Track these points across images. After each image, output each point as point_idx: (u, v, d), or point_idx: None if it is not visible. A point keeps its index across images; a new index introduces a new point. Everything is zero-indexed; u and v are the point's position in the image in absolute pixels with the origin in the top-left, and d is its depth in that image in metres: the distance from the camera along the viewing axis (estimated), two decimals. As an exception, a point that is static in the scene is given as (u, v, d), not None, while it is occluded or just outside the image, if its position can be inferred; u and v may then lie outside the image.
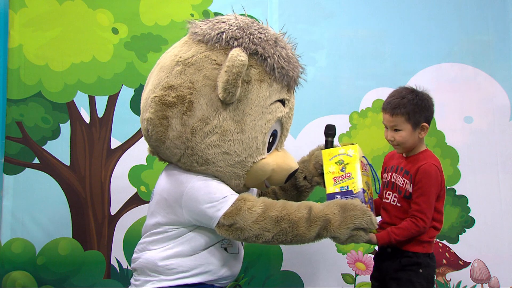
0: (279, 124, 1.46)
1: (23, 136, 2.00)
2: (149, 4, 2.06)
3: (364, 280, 2.08)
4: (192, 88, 1.36)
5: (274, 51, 1.39)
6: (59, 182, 2.01)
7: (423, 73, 2.12)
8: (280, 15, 2.12)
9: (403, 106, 1.60)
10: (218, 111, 1.36)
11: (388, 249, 1.63)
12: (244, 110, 1.37)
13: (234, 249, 1.48)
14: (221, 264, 1.44)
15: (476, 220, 2.10)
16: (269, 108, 1.41)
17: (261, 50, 1.37)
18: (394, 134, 1.62)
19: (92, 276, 1.99)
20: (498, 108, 2.15)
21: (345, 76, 2.15)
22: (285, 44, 1.45)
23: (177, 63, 1.39)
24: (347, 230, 1.37)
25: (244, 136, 1.38)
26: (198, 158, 1.38)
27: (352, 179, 1.54)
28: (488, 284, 2.09)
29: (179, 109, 1.36)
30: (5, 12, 2.02)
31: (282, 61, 1.39)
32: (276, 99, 1.42)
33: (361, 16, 2.15)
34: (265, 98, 1.39)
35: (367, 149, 2.09)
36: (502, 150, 2.13)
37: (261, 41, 1.38)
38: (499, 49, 2.18)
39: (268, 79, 1.39)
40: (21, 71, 2.00)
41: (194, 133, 1.36)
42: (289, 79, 1.42)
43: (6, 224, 1.98)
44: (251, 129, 1.39)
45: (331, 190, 1.53)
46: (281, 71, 1.39)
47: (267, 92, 1.39)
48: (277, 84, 1.41)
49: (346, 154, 1.57)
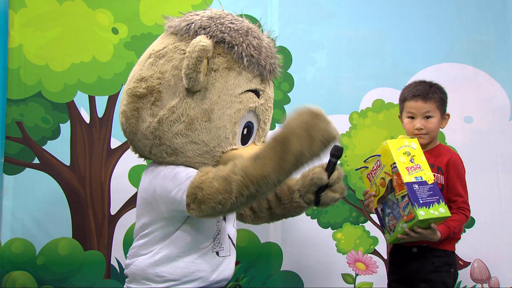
0: (253, 115, 1.42)
1: (23, 136, 2.00)
2: (149, 4, 2.06)
3: (364, 280, 2.08)
4: (161, 78, 1.37)
5: (244, 39, 1.37)
6: (59, 182, 2.01)
7: (423, 73, 2.12)
8: (280, 15, 2.12)
9: (435, 92, 1.62)
10: (184, 100, 1.35)
11: (414, 249, 1.61)
12: (212, 99, 1.35)
13: (226, 252, 1.45)
14: (213, 269, 1.40)
15: (476, 220, 2.10)
16: (239, 97, 1.38)
17: (229, 38, 1.36)
18: (426, 122, 1.61)
19: (92, 276, 1.99)
20: (498, 108, 2.15)
21: (345, 76, 2.15)
22: (259, 35, 1.42)
23: (149, 56, 1.41)
24: (312, 139, 1.14)
25: (212, 125, 1.36)
26: (166, 148, 1.37)
27: (422, 170, 1.57)
28: (488, 284, 2.09)
29: (149, 100, 1.37)
30: (5, 12, 2.03)
31: (252, 50, 1.37)
32: (248, 89, 1.38)
33: (361, 16, 2.15)
34: (234, 87, 1.37)
35: (367, 149, 2.09)
36: (502, 150, 2.13)
37: (229, 30, 1.37)
38: (499, 49, 2.18)
39: (237, 67, 1.37)
40: (21, 71, 2.00)
41: (161, 122, 1.35)
42: (261, 69, 1.39)
43: (6, 224, 1.98)
44: (218, 118, 1.36)
45: (408, 179, 1.54)
46: (250, 60, 1.37)
47: (236, 80, 1.37)
48: (248, 73, 1.38)
49: (410, 146, 1.59)
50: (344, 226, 2.09)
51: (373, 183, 1.69)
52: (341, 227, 2.09)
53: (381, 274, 2.08)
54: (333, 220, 2.09)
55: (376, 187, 1.67)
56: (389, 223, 1.64)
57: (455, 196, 1.61)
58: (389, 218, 1.63)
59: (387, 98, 2.12)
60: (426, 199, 1.56)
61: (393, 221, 1.61)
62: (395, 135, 2.09)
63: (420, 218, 1.52)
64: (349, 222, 2.10)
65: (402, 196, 1.57)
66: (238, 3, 2.07)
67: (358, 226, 2.10)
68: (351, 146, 2.10)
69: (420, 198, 1.55)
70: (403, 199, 1.56)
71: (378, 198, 1.67)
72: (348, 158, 2.10)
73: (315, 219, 2.09)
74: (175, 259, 1.38)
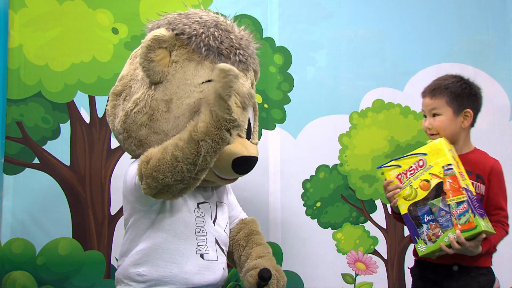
0: None
1: (23, 136, 2.00)
2: (149, 4, 2.06)
3: (364, 280, 2.08)
4: (133, 74, 1.45)
5: (205, 30, 1.38)
6: (59, 182, 2.01)
7: (423, 73, 2.12)
8: (280, 15, 2.12)
9: (444, 87, 1.48)
10: (147, 92, 1.39)
11: (455, 267, 1.47)
12: (172, 89, 1.38)
13: (212, 256, 1.43)
14: (195, 272, 1.40)
15: (476, 220, 2.09)
16: (200, 87, 1.37)
17: (188, 29, 1.38)
18: (432, 120, 1.49)
19: (92, 276, 1.99)
20: (498, 108, 2.15)
21: (345, 76, 2.15)
22: (228, 28, 1.41)
23: (130, 57, 1.50)
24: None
25: (171, 115, 1.37)
26: (133, 140, 1.41)
27: (465, 179, 1.45)
28: (488, 284, 2.09)
29: (122, 96, 1.44)
30: (5, 12, 2.02)
31: (211, 40, 1.37)
32: (210, 78, 1.37)
33: (361, 16, 2.15)
34: (193, 77, 1.38)
35: (367, 149, 2.10)
36: (502, 150, 2.13)
37: (192, 23, 1.39)
38: (499, 49, 2.18)
39: (197, 57, 1.38)
40: (21, 71, 2.00)
41: (128, 115, 1.40)
42: (224, 59, 1.38)
43: (6, 224, 1.98)
44: (177, 107, 1.37)
45: (462, 185, 1.41)
46: (209, 49, 1.37)
47: (195, 70, 1.38)
48: (210, 63, 1.38)
49: (453, 151, 1.49)
50: (344, 226, 2.09)
51: (406, 184, 1.51)
52: (341, 227, 2.09)
53: (381, 274, 2.08)
54: (333, 220, 2.09)
55: (412, 189, 1.49)
56: (427, 232, 1.46)
57: (496, 209, 1.45)
58: (429, 226, 1.46)
59: (387, 98, 2.12)
60: (478, 210, 1.42)
61: (436, 230, 1.44)
62: (395, 135, 2.10)
63: (483, 229, 1.39)
64: (349, 222, 2.10)
65: (458, 202, 1.41)
66: (238, 3, 2.07)
67: (358, 226, 2.10)
68: (351, 146, 2.10)
69: (475, 208, 1.41)
70: (459, 205, 1.41)
71: (412, 202, 1.49)
72: (348, 158, 2.10)
73: (315, 219, 2.09)
74: (156, 259, 1.38)
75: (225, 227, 1.51)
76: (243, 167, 1.41)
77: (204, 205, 1.46)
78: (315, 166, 2.09)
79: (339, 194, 2.10)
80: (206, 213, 1.45)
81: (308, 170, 2.09)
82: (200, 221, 1.42)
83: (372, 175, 2.09)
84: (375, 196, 2.10)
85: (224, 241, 1.49)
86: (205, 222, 1.43)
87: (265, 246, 1.58)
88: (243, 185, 2.01)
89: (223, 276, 1.47)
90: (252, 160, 1.42)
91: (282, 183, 2.08)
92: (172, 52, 1.39)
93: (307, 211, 2.08)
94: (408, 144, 2.09)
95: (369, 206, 2.10)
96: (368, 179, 2.09)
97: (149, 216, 1.39)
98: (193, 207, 1.43)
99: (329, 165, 2.09)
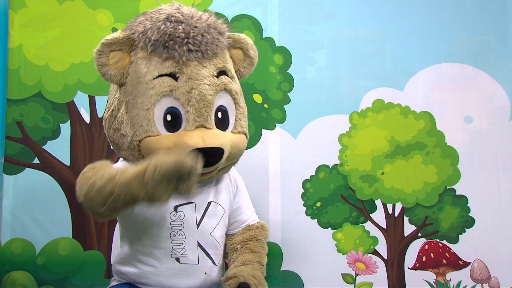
0: (173, 100, 1.36)
1: (23, 136, 2.00)
2: (149, 4, 2.05)
3: (364, 280, 2.08)
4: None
5: (152, 26, 1.38)
6: (59, 182, 2.01)
7: (423, 73, 2.12)
8: (280, 15, 2.12)
9: None
10: (115, 95, 1.44)
11: None
12: (129, 90, 1.39)
13: (191, 259, 1.42)
14: (170, 275, 1.40)
15: (476, 220, 2.10)
16: (151, 83, 1.36)
17: (140, 28, 1.39)
18: None
19: (92, 276, 1.99)
20: (498, 108, 2.15)
21: (345, 76, 2.15)
22: (181, 18, 1.38)
23: None
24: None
25: (129, 116, 1.38)
26: (113, 144, 1.46)
27: None
28: (488, 284, 2.09)
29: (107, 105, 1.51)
30: (5, 12, 2.02)
31: (155, 34, 1.36)
32: (160, 73, 1.36)
33: (361, 16, 2.15)
34: (144, 74, 1.37)
35: (367, 149, 2.10)
36: (502, 150, 2.13)
37: (146, 19, 1.40)
38: (499, 49, 2.18)
39: (147, 54, 1.38)
40: (21, 71, 2.00)
41: (105, 121, 1.46)
42: (171, 51, 1.35)
43: (6, 224, 1.98)
44: (132, 107, 1.37)
45: None
46: (155, 44, 1.36)
47: (145, 67, 1.37)
48: (158, 58, 1.37)
49: None
50: (344, 226, 2.09)
51: None
52: (341, 227, 2.09)
53: (381, 274, 2.09)
54: (333, 220, 2.09)
55: None
56: None
57: None
58: None
59: (387, 98, 2.12)
60: None
61: None
62: (395, 135, 2.10)
63: None
64: (349, 222, 2.10)
65: None
66: (238, 3, 2.07)
67: (358, 226, 2.10)
68: (351, 146, 2.10)
69: None
70: None
71: None
72: (348, 158, 2.10)
73: (315, 219, 2.09)
74: (133, 260, 1.42)
75: (213, 229, 1.48)
76: (211, 158, 1.33)
77: (186, 206, 1.43)
78: (315, 166, 2.09)
79: (339, 194, 2.10)
80: (187, 215, 1.42)
81: (308, 170, 2.09)
82: (177, 224, 1.41)
83: (372, 175, 2.09)
84: (375, 196, 2.10)
85: (210, 244, 1.46)
86: (184, 225, 1.41)
87: (257, 254, 1.56)
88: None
89: (206, 280, 1.45)
90: (211, 151, 1.32)
91: (282, 183, 2.08)
92: (130, 53, 1.40)
93: (307, 211, 2.08)
94: (408, 144, 2.09)
95: (369, 206, 2.10)
96: (368, 179, 2.09)
97: (125, 220, 1.43)
98: (169, 211, 1.41)
99: (329, 165, 2.09)
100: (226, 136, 1.39)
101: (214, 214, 1.48)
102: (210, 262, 1.46)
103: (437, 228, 2.10)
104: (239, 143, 1.43)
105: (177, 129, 1.35)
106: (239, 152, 1.45)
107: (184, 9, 1.43)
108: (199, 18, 1.41)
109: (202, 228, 1.44)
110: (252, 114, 2.06)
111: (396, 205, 2.10)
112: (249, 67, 1.53)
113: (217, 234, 1.48)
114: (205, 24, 1.39)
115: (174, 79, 1.36)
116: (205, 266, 1.45)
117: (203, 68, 1.37)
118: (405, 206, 2.10)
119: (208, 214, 1.46)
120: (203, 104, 1.35)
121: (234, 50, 1.50)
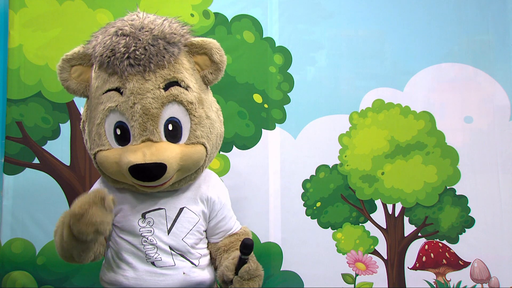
0: (119, 114, 1.35)
1: (23, 136, 2.00)
2: (149, 4, 2.06)
3: (364, 280, 2.08)
4: None
5: (101, 40, 1.37)
6: (59, 182, 2.01)
7: (423, 73, 2.12)
8: (280, 15, 2.12)
9: None
10: (85, 107, 1.47)
11: None
12: (89, 104, 1.44)
13: (165, 262, 1.43)
14: (148, 279, 1.42)
15: (476, 220, 2.10)
16: (101, 98, 1.37)
17: (94, 42, 1.41)
18: None
19: (92, 276, 1.99)
20: (498, 108, 2.15)
21: (345, 76, 2.15)
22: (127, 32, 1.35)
23: None
24: None
25: (88, 129, 1.43)
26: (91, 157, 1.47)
27: None
28: (488, 284, 2.09)
29: None
30: (5, 12, 2.02)
31: (101, 49, 1.35)
32: (108, 88, 1.35)
33: (361, 16, 2.15)
34: (96, 89, 1.39)
35: (367, 149, 2.10)
36: (502, 150, 2.13)
37: (102, 33, 1.40)
38: (499, 49, 2.18)
39: (97, 71, 1.40)
40: (21, 71, 2.00)
41: (83, 135, 1.48)
42: (114, 66, 1.34)
43: (6, 224, 1.98)
44: (88, 122, 1.43)
45: None
46: (100, 60, 1.35)
47: (97, 82, 1.39)
48: (104, 74, 1.37)
49: None
50: (344, 226, 2.09)
51: None
52: (341, 227, 2.09)
53: (381, 274, 2.09)
54: (333, 220, 2.09)
55: None
56: None
57: None
58: None
59: (387, 98, 2.12)
60: None
61: None
62: (395, 135, 2.10)
63: None
64: (349, 222, 2.10)
65: None
66: (238, 3, 2.07)
67: (358, 226, 2.10)
68: (351, 146, 2.10)
69: None
70: None
71: None
72: (348, 158, 2.10)
73: (315, 219, 2.09)
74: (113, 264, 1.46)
75: (185, 236, 1.46)
76: (142, 175, 1.31)
77: (154, 213, 1.43)
78: (315, 166, 2.10)
79: (339, 194, 2.10)
80: (157, 221, 1.43)
81: (308, 170, 2.09)
82: (147, 230, 1.42)
83: (372, 175, 2.09)
84: (375, 196, 2.10)
85: (183, 249, 1.45)
86: (154, 231, 1.42)
87: None
88: (243, 185, 2.02)
89: (185, 279, 1.45)
90: (151, 166, 1.29)
91: (282, 183, 2.08)
92: (92, 67, 1.42)
93: (307, 211, 2.08)
94: (408, 144, 2.09)
95: (369, 206, 2.10)
96: (368, 179, 2.09)
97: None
98: (137, 218, 1.42)
99: (329, 165, 2.10)
100: (174, 149, 1.34)
101: (186, 220, 1.45)
102: (188, 263, 1.46)
103: (437, 228, 2.10)
104: (193, 154, 1.37)
105: (127, 142, 1.35)
106: (193, 163, 1.38)
107: (137, 20, 1.39)
108: (148, 29, 1.35)
109: (174, 233, 1.43)
110: (252, 114, 2.06)
111: (396, 205, 2.10)
112: (216, 73, 1.43)
113: (189, 241, 1.46)
114: (151, 36, 1.33)
115: (120, 94, 1.35)
116: (183, 266, 1.45)
117: (146, 81, 1.33)
118: (405, 206, 2.10)
119: (180, 220, 1.44)
120: (147, 118, 1.32)
121: (200, 56, 1.42)
